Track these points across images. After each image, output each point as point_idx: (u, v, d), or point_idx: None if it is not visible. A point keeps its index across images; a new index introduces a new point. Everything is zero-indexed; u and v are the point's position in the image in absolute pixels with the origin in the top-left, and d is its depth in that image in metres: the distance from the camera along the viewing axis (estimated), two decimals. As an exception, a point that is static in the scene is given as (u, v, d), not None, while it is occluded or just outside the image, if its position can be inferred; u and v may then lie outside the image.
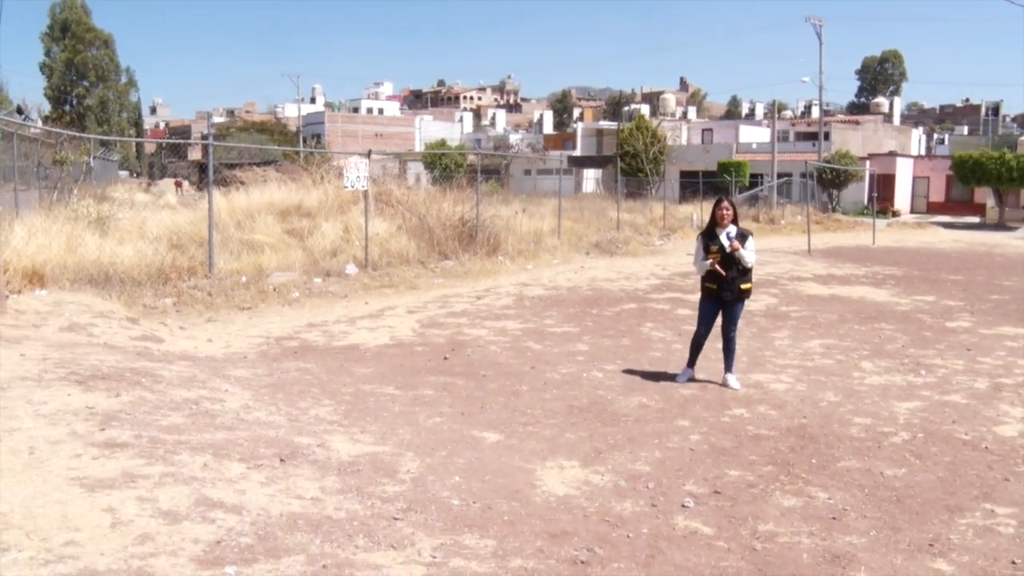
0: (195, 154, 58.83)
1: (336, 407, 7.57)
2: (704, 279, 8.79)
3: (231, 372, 8.71)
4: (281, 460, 5.86)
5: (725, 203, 8.62)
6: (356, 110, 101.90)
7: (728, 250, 8.42)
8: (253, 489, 5.26)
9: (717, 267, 8.52)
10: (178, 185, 46.84)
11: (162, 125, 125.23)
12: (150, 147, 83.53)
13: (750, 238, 8.54)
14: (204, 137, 14.41)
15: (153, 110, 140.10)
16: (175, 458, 5.59)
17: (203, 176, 18.54)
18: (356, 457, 6.11)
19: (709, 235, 8.61)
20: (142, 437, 5.88)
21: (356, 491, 5.43)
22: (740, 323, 9.03)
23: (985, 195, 48.18)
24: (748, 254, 8.48)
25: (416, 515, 5.12)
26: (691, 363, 8.93)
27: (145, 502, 4.75)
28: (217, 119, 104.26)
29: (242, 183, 22.17)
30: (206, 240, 14.39)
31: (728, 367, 8.82)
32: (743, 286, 8.58)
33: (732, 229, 8.52)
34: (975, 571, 4.65)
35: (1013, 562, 4.74)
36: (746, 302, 8.96)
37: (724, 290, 8.58)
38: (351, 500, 5.26)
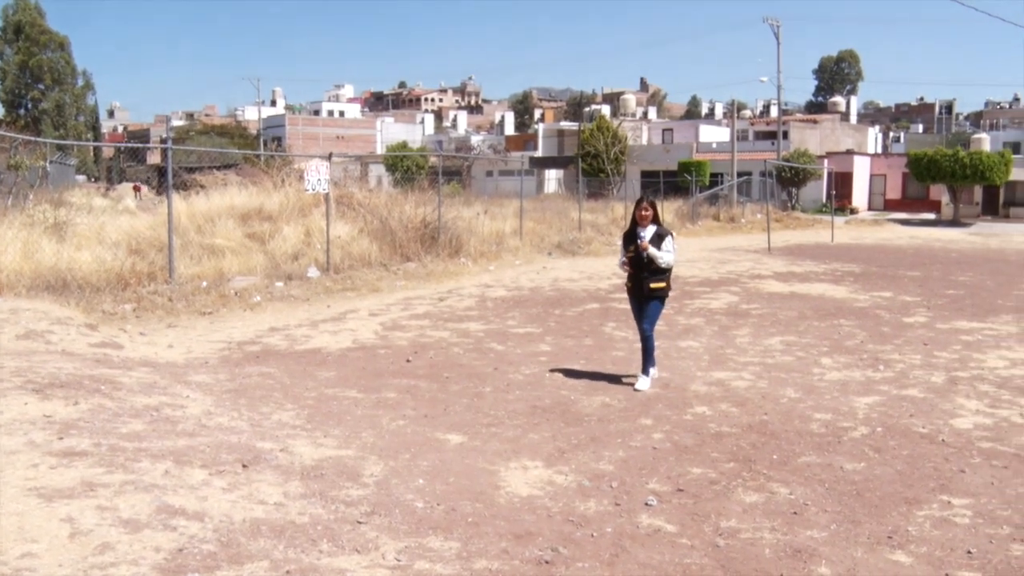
0: (154, 158, 58.14)
1: (299, 411, 7.52)
2: (627, 278, 8.80)
3: (192, 378, 8.63)
4: (244, 466, 5.82)
5: (644, 204, 8.57)
6: (317, 113, 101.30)
7: (639, 250, 8.38)
8: (215, 495, 5.21)
9: (627, 266, 8.58)
10: (137, 190, 46.24)
11: (120, 129, 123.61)
12: (108, 151, 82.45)
13: (668, 238, 8.44)
14: (163, 141, 14.22)
15: (111, 114, 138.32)
16: (136, 466, 5.53)
17: (162, 180, 18.34)
18: (319, 461, 6.08)
19: (629, 235, 8.60)
20: (101, 445, 5.81)
21: (320, 495, 5.40)
22: (699, 320, 9.09)
23: (940, 192, 48.98)
24: (663, 254, 8.36)
25: (380, 518, 5.10)
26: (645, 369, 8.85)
27: (105, 511, 4.69)
28: (176, 122, 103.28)
29: (202, 187, 21.99)
30: (166, 245, 14.24)
31: (643, 367, 8.71)
32: (653, 285, 8.45)
33: (652, 229, 8.46)
34: (932, 562, 4.72)
35: (969, 552, 4.83)
36: (668, 300, 8.82)
37: (637, 289, 8.59)
38: (315, 505, 5.24)
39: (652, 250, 8.35)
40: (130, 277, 13.46)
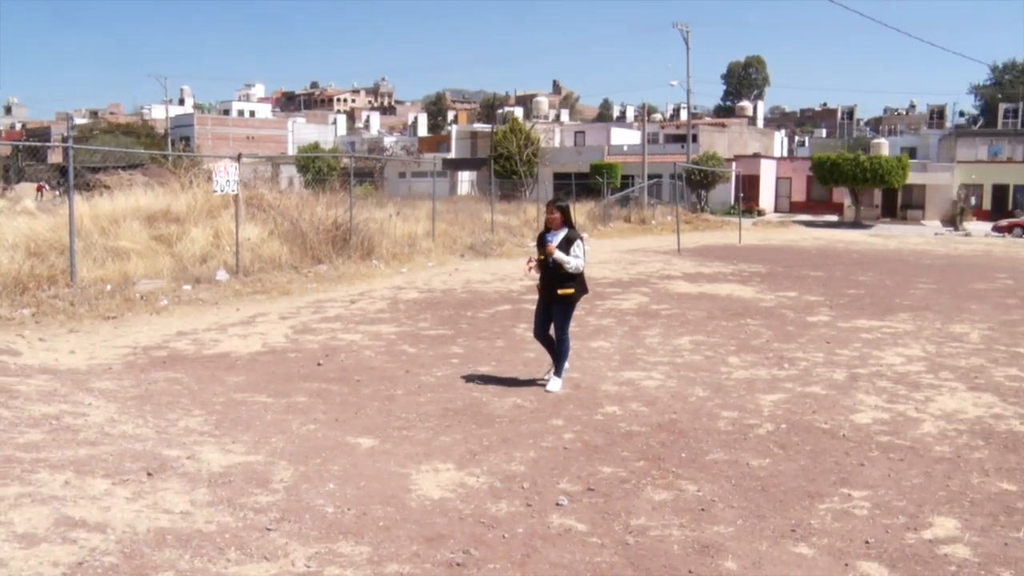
0: (56, 157, 56.28)
1: (207, 417, 7.37)
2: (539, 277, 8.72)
3: (95, 384, 8.39)
4: (149, 474, 5.69)
5: (552, 207, 8.52)
6: (227, 112, 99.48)
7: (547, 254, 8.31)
8: (119, 506, 5.08)
9: (532, 270, 8.57)
10: (40, 190, 44.71)
11: (19, 126, 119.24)
12: (5, 149, 79.45)
13: (578, 242, 8.33)
14: (64, 139, 13.76)
15: (8, 110, 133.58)
16: (33, 477, 5.36)
17: (64, 180, 17.78)
18: (227, 468, 5.97)
19: (541, 238, 8.52)
20: (-4, 456, 5.61)
21: (227, 503, 5.31)
22: (610, 321, 9.19)
23: (843, 195, 50.60)
24: (570, 259, 8.22)
25: (290, 524, 5.04)
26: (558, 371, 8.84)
27: (-1, 524, 4.53)
28: (79, 120, 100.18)
29: (107, 187, 21.41)
30: (67, 247, 13.80)
31: (556, 368, 8.69)
32: (560, 291, 8.35)
33: (563, 232, 8.38)
34: (833, 553, 4.87)
35: (867, 542, 5.00)
36: (576, 303, 8.68)
37: (545, 292, 8.55)
38: (222, 512, 5.15)
39: (558, 254, 8.23)
40: (29, 281, 12.99)
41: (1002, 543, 5.02)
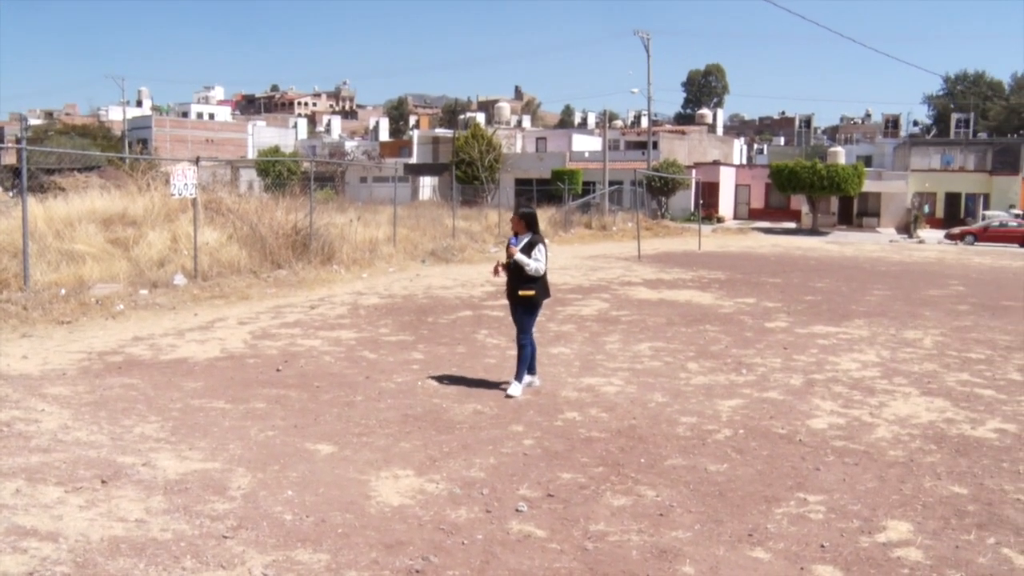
0: (9, 158, 55.38)
1: (163, 424, 7.29)
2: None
3: (48, 390, 8.26)
4: (103, 482, 5.61)
5: (516, 214, 8.81)
6: (186, 115, 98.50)
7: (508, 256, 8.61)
8: (71, 514, 5.01)
9: (499, 270, 8.82)
10: (-10, 191, 43.96)
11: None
12: (-44, 151, 78.05)
13: (539, 246, 8.57)
14: (18, 140, 13.52)
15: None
16: (-17, 485, 5.27)
17: (17, 182, 17.49)
18: (184, 475, 5.91)
19: (508, 242, 8.79)
20: (-55, 463, 5.50)
21: (184, 510, 5.25)
22: (570, 327, 9.22)
23: (800, 202, 51.24)
24: (530, 262, 8.47)
25: (247, 532, 5.00)
26: (529, 369, 9.01)
27: (-52, 533, 4.45)
28: (33, 121, 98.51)
29: (62, 189, 21.04)
30: (20, 250, 13.58)
31: (516, 374, 8.79)
32: (521, 292, 8.59)
33: (526, 237, 8.62)
34: (789, 557, 4.92)
35: (822, 545, 5.06)
36: (539, 307, 8.84)
37: (509, 294, 8.77)
38: (178, 520, 5.09)
39: (519, 256, 8.49)
40: (-20, 285, 12.77)
41: (953, 546, 5.11)
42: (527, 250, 8.53)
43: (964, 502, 5.83)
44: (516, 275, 8.60)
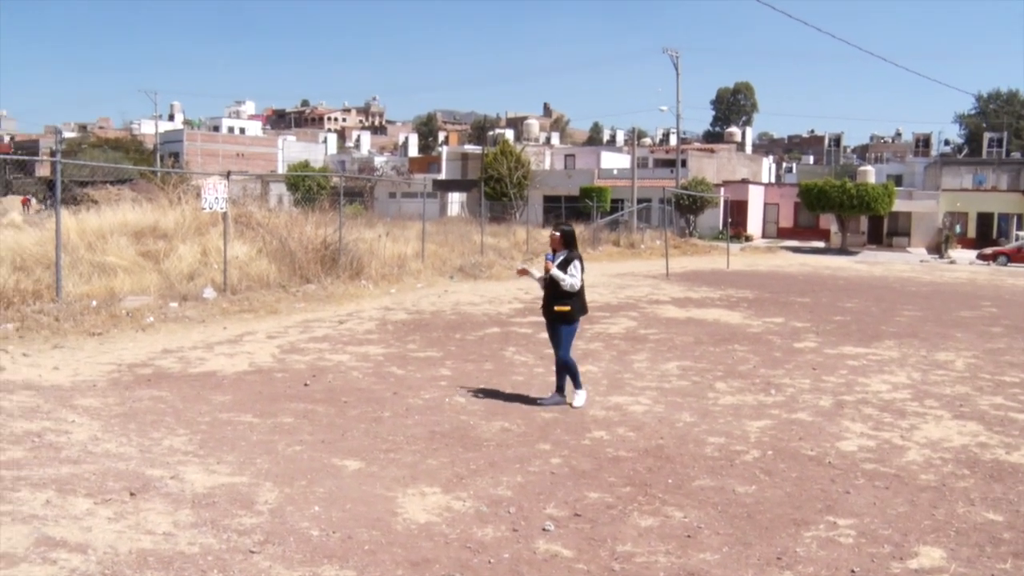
0: (44, 170, 56.13)
1: (191, 437, 7.33)
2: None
3: (79, 402, 8.33)
4: (131, 494, 5.64)
5: (555, 230, 9.04)
6: (217, 129, 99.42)
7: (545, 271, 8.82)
8: (100, 526, 5.04)
9: (526, 272, 9.31)
10: (25, 203, 44.54)
11: (7, 139, 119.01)
12: (-7, 162, 79.22)
13: (575, 262, 8.79)
14: (53, 153, 13.72)
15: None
16: (14, 495, 5.31)
17: (51, 194, 17.70)
18: (211, 489, 5.93)
19: (545, 258, 9.03)
20: (-22, 474, 5.56)
21: (211, 524, 5.27)
22: (598, 345, 9.21)
23: (829, 221, 50.85)
24: (565, 277, 8.69)
25: (274, 547, 5.00)
26: (558, 387, 9.06)
27: (-20, 543, 4.49)
28: (68, 134, 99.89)
29: (94, 202, 21.31)
30: (53, 262, 13.74)
31: (575, 384, 9.03)
32: (556, 308, 8.79)
33: (563, 253, 8.86)
34: (819, 583, 4.86)
35: (852, 571, 4.99)
36: (582, 326, 9.20)
37: (545, 309, 9.01)
38: (205, 534, 5.11)
39: (554, 271, 8.72)
40: (13, 295, 12.92)
41: (988, 574, 5.02)
42: (563, 266, 8.74)
43: (999, 529, 5.74)
44: (552, 291, 8.81)
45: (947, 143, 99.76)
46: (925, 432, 8.21)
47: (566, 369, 8.94)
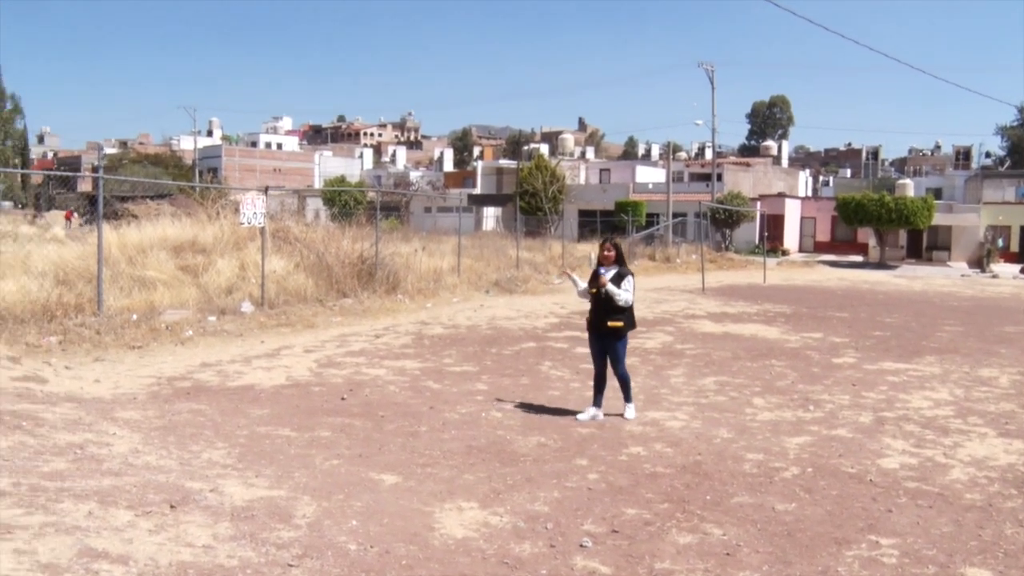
0: (85, 186, 57.06)
1: (230, 450, 7.38)
2: (588, 311, 9.23)
3: (119, 414, 8.42)
4: (171, 506, 5.68)
5: (608, 245, 9.11)
6: (254, 144, 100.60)
7: (599, 286, 8.83)
8: (141, 538, 5.08)
9: (570, 276, 9.66)
10: (68, 217, 45.28)
11: (50, 155, 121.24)
12: (37, 178, 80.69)
13: (628, 278, 8.84)
14: (95, 169, 13.93)
15: (40, 139, 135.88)
16: (57, 506, 5.37)
17: (93, 209, 17.95)
18: (250, 502, 5.96)
19: (594, 274, 9.04)
20: (21, 485, 5.62)
21: (250, 537, 5.29)
22: (634, 360, 9.18)
23: (867, 235, 50.27)
24: (621, 292, 8.74)
25: (312, 561, 5.01)
26: (595, 402, 9.05)
27: (22, 555, 4.54)
28: (109, 150, 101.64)
29: (134, 217, 21.58)
30: (95, 276, 13.94)
31: (625, 397, 9.16)
32: (610, 323, 8.82)
33: (614, 269, 8.91)
34: (862, 603, 4.78)
35: (897, 593, 4.91)
36: (629, 340, 9.26)
37: (596, 323, 8.99)
38: (244, 547, 5.13)
39: (610, 286, 8.75)
40: (56, 308, 13.12)
41: (1035, 596, 4.91)
42: (616, 281, 8.79)
43: (1046, 549, 5.61)
44: (605, 306, 8.84)
45: (988, 155, 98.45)
46: (969, 450, 8.07)
47: (622, 382, 9.03)
